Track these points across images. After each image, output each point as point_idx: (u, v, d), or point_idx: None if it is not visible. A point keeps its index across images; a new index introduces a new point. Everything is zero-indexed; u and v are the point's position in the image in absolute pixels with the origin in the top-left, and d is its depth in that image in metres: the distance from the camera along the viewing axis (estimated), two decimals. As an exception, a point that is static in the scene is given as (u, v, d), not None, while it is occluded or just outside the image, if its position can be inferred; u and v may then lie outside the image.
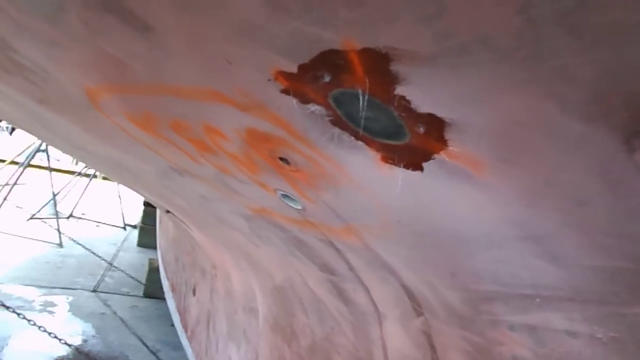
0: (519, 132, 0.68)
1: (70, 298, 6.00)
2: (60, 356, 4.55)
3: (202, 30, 0.81)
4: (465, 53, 0.58)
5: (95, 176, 11.30)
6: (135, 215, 10.65)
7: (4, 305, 3.52)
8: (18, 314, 3.41)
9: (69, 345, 3.65)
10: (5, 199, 8.24)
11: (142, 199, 8.80)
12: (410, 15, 0.57)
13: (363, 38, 0.65)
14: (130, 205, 10.96)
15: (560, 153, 0.68)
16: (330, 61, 0.72)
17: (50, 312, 5.47)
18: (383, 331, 1.70)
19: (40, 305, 5.59)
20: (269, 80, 0.85)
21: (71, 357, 4.53)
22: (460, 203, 0.93)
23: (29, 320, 3.49)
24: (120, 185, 8.19)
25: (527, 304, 1.08)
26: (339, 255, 1.58)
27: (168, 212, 3.39)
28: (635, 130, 0.57)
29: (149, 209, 8.73)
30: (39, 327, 3.55)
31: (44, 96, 1.59)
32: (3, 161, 11.88)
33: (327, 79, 0.77)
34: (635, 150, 0.59)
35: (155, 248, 7.55)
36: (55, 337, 3.52)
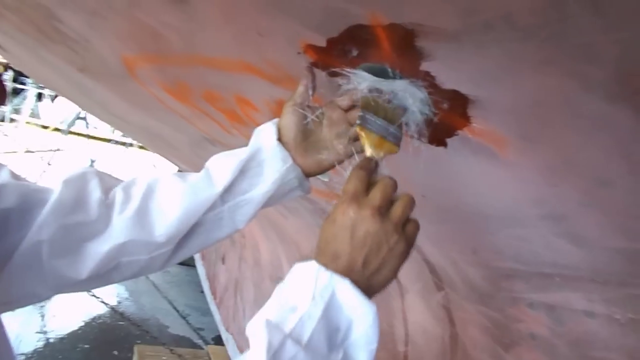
0: (542, 111, 0.69)
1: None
2: (98, 314, 4.81)
3: (235, 3, 0.83)
4: (489, 31, 0.59)
5: (131, 144, 11.59)
6: (169, 184, 10.90)
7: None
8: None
9: (106, 304, 3.84)
10: (48, 164, 8.58)
11: (175, 168, 9.02)
12: (435, -8, 0.58)
13: (389, 13, 0.66)
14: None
15: (583, 133, 0.68)
16: (358, 35, 0.74)
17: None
18: (404, 304, 1.73)
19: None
20: (298, 53, 0.87)
21: (107, 315, 4.78)
22: (483, 180, 0.95)
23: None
24: (155, 153, 8.39)
25: (547, 282, 1.09)
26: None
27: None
28: (659, 111, 0.57)
29: (183, 178, 8.91)
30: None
31: (84, 64, 1.66)
32: (46, 127, 12.32)
33: (354, 53, 0.78)
34: (658, 131, 0.59)
35: (187, 216, 7.74)
36: (94, 296, 3.71)
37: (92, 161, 9.54)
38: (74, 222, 0.71)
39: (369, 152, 0.78)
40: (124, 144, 11.60)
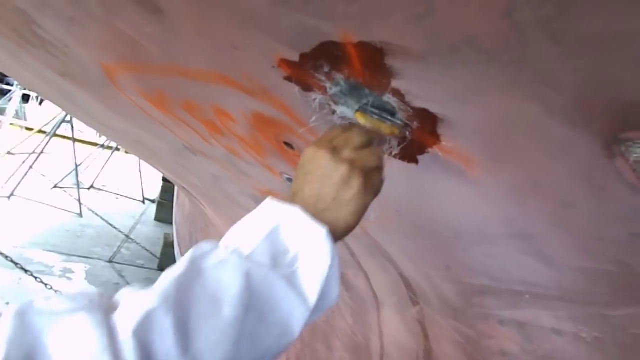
0: (507, 132, 0.70)
1: (87, 267, 6.19)
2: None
3: (210, 17, 0.83)
4: (454, 53, 0.60)
5: (117, 149, 11.48)
6: (155, 189, 10.83)
7: (23, 269, 3.67)
8: (36, 278, 3.56)
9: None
10: (31, 167, 8.47)
11: (161, 175, 8.94)
12: (402, 14, 0.59)
13: (359, 32, 0.67)
14: (150, 179, 11.15)
15: (546, 155, 0.69)
16: (329, 52, 0.75)
17: (68, 279, 5.66)
18: (380, 318, 1.73)
19: (60, 271, 5.78)
20: (273, 67, 0.87)
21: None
22: (453, 197, 0.95)
23: (46, 285, 3.64)
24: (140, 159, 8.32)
25: (517, 299, 1.10)
26: (341, 241, 1.61)
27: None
28: (616, 137, 0.58)
29: (168, 184, 8.86)
30: (56, 291, 3.69)
31: (65, 70, 1.65)
32: (31, 129, 12.17)
33: (326, 69, 0.79)
34: (616, 157, 0.61)
35: (171, 223, 7.71)
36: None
37: (77, 165, 9.43)
38: None
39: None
40: (110, 148, 11.49)
